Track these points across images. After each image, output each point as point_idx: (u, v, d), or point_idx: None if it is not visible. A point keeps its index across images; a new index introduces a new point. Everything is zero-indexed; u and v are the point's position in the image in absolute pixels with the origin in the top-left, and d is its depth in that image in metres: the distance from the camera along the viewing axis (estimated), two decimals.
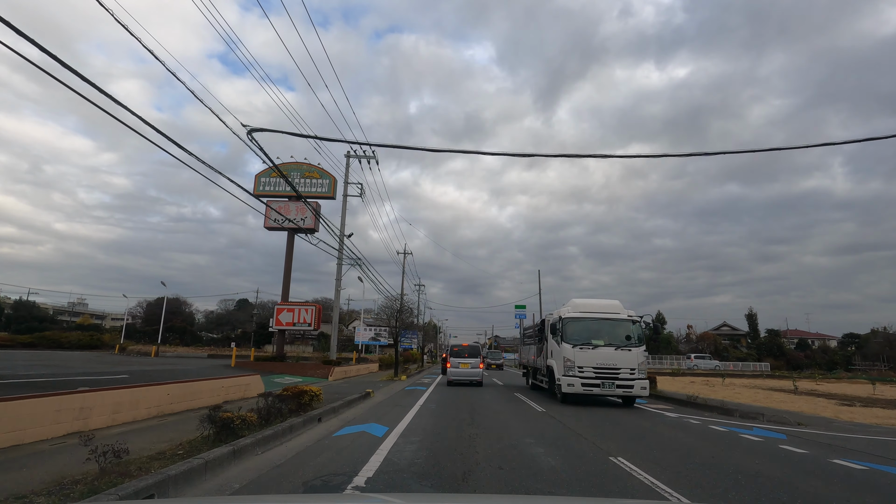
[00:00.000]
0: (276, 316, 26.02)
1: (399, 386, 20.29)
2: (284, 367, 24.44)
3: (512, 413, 11.19)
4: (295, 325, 25.96)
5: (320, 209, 28.28)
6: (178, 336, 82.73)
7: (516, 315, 74.67)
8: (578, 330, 14.21)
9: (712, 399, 15.97)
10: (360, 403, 12.78)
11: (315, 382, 22.71)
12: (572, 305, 15.33)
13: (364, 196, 28.38)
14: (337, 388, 18.10)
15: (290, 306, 26.25)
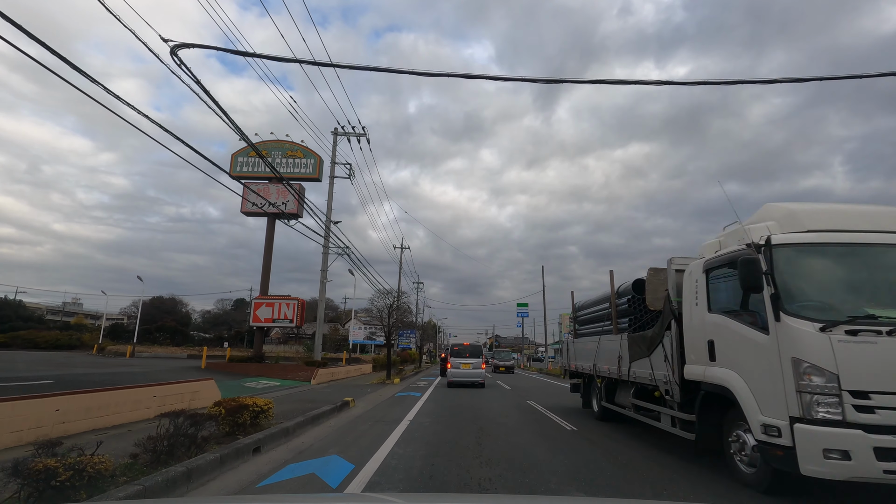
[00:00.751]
0: (254, 311, 23.13)
1: (390, 391, 17.40)
2: (262, 368, 21.55)
3: (534, 434, 8.25)
4: (275, 321, 23.08)
5: (304, 192, 25.41)
6: (168, 336, 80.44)
7: (518, 313, 72.10)
8: (836, 280, 4.88)
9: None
10: (329, 419, 9.86)
11: (295, 386, 19.80)
12: (788, 216, 5.25)
13: (353, 178, 25.51)
14: (314, 394, 15.22)
15: (269, 300, 23.36)
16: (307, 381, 21.19)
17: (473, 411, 11.20)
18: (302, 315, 23.69)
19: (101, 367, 23.79)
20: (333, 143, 25.16)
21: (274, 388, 17.85)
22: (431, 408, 11.93)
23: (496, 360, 35.93)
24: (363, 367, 32.01)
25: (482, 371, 21.26)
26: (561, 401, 14.21)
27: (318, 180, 25.44)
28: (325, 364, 23.15)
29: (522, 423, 9.38)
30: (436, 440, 7.41)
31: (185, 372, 20.56)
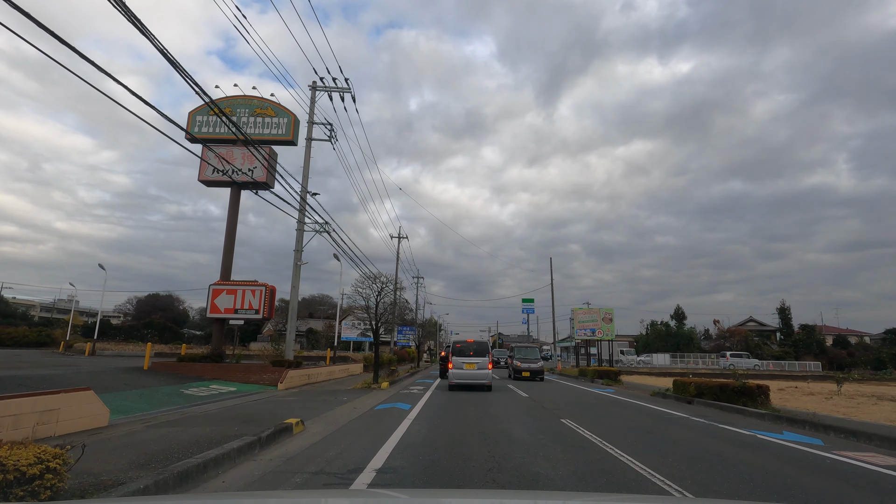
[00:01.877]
0: (211, 300, 18.94)
1: (371, 400, 13.20)
2: (219, 369, 17.40)
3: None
4: (237, 311, 18.90)
5: (276, 158, 21.18)
6: (157, 333, 77.01)
7: (524, 309, 67.75)
8: None
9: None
10: (228, 470, 5.52)
11: (253, 393, 15.63)
12: None
13: (335, 141, 21.29)
14: (261, 407, 11.07)
15: (230, 287, 19.18)
16: (272, 386, 17.04)
17: (486, 445, 6.96)
18: (271, 305, 19.49)
19: (35, 368, 19.68)
20: (311, 98, 20.96)
21: (220, 397, 13.69)
22: (419, 435, 7.68)
23: (518, 362, 23.95)
24: (351, 367, 27.83)
25: (489, 372, 17.28)
26: (613, 422, 9.95)
27: (293, 143, 21.23)
28: (298, 364, 18.96)
29: (587, 483, 5.15)
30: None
31: (117, 374, 16.42)
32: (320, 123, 20.90)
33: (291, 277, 19.47)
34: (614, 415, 10.78)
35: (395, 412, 10.57)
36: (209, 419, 9.05)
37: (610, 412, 11.27)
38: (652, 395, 16.81)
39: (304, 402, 12.76)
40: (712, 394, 13.45)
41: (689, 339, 70.83)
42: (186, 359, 17.97)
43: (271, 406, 11.64)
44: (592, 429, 8.46)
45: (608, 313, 47.00)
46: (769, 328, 77.97)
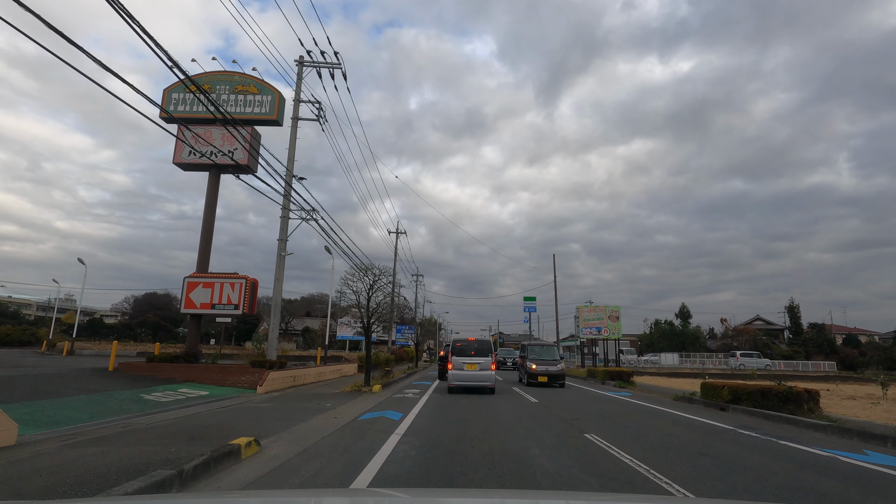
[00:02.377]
0: (186, 294, 17.14)
1: (357, 407, 11.42)
2: (192, 371, 15.62)
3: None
4: (214, 306, 17.11)
5: (260, 139, 19.41)
6: (150, 332, 75.48)
7: (525, 308, 65.86)
8: None
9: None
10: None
11: (226, 398, 13.81)
12: None
13: (324, 121, 19.49)
14: (229, 415, 9.32)
15: (207, 280, 17.38)
16: (251, 389, 15.29)
17: (495, 475, 5.15)
18: (252, 299, 17.70)
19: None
20: (298, 73, 19.16)
21: (184, 403, 11.90)
22: (406, 461, 5.87)
23: (532, 364, 19.05)
24: (345, 368, 26.08)
25: (491, 373, 15.58)
26: (650, 438, 8.17)
27: (278, 123, 19.42)
28: (282, 365, 17.16)
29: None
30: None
31: (76, 376, 14.64)
32: (308, 101, 19.10)
33: (275, 269, 17.66)
34: (647, 427, 8.98)
35: (383, 423, 8.78)
36: (151, 434, 7.28)
37: (640, 423, 9.47)
38: (675, 400, 15.01)
39: (279, 409, 10.99)
40: (751, 399, 11.65)
41: (694, 338, 68.95)
42: (158, 359, 16.19)
43: (238, 415, 9.86)
44: (628, 448, 6.66)
45: (615, 311, 45.19)
46: (776, 327, 76.12)
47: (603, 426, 8.82)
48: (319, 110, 19.08)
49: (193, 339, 17.13)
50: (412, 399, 13.34)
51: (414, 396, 14.08)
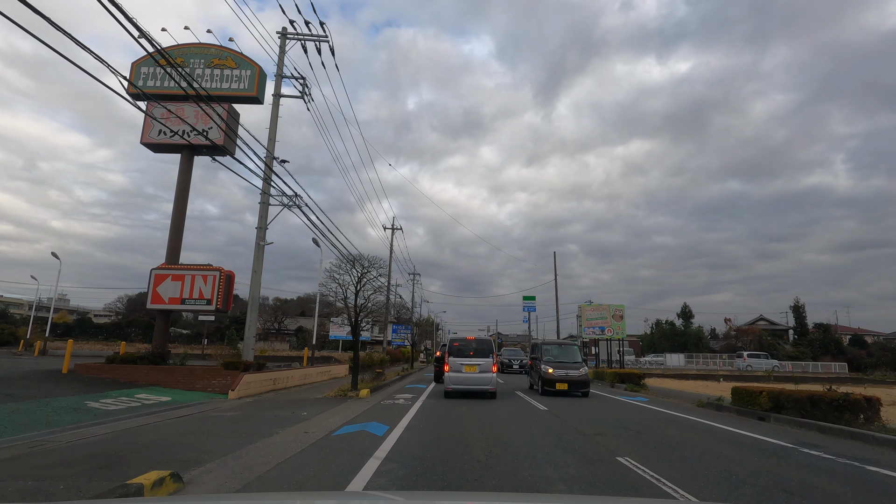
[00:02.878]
0: (153, 287, 15.38)
1: (338, 416, 9.70)
2: (157, 373, 13.88)
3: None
4: (184, 301, 15.36)
5: (238, 118, 17.68)
6: (140, 332, 73.67)
7: (525, 307, 64.07)
8: None
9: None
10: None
11: (190, 404, 12.07)
12: None
13: (309, 99, 17.77)
14: (173, 429, 7.64)
15: (176, 272, 15.62)
16: (223, 394, 13.55)
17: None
18: (227, 294, 15.93)
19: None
20: (280, 46, 17.45)
21: (136, 412, 10.17)
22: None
23: (548, 367, 15.44)
24: (334, 369, 24.34)
25: (492, 376, 13.98)
26: (700, 463, 6.48)
27: (258, 100, 17.69)
28: (261, 366, 15.42)
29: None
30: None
31: (20, 379, 12.89)
32: (291, 77, 17.38)
33: (252, 260, 15.92)
34: (689, 445, 7.28)
35: (362, 441, 7.07)
36: (55, 459, 5.57)
37: (678, 439, 7.77)
38: (700, 407, 13.34)
39: (243, 420, 9.27)
40: (798, 408, 9.97)
41: (697, 338, 67.37)
42: (120, 360, 14.43)
43: (189, 428, 8.14)
44: (682, 481, 4.96)
45: (618, 310, 43.51)
46: (780, 327, 74.64)
47: (635, 444, 7.12)
48: (304, 86, 17.37)
49: (161, 338, 15.36)
50: (403, 406, 11.62)
51: (405, 403, 12.36)
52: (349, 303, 15.67)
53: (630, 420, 9.93)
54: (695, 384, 24.74)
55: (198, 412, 10.36)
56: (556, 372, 15.31)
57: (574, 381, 15.20)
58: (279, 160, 16.53)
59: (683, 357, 54.68)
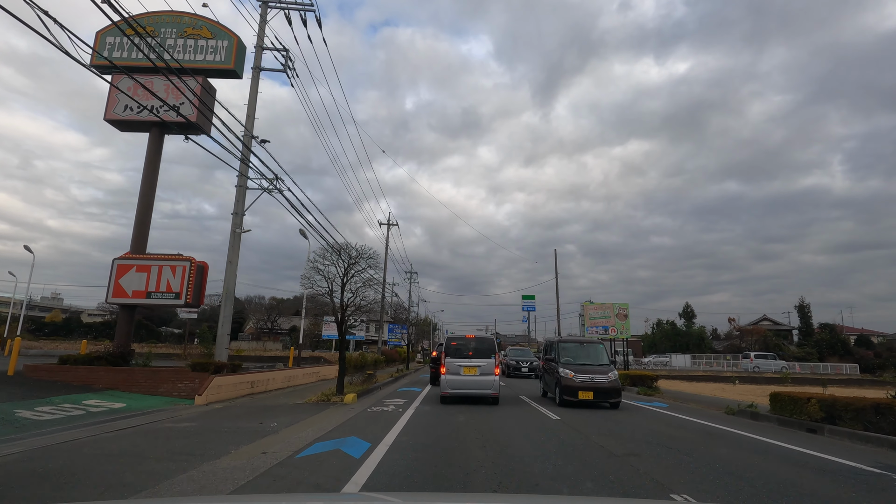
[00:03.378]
0: (115, 279, 13.76)
1: (313, 429, 8.08)
2: (118, 375, 12.26)
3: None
4: (150, 294, 13.74)
5: (214, 93, 16.08)
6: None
7: (524, 307, 62.45)
8: None
9: None
10: None
11: (154, 410, 10.52)
12: None
13: (293, 74, 16.15)
14: (92, 451, 5.94)
15: (141, 262, 14.00)
16: (189, 399, 11.94)
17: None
18: (199, 287, 14.29)
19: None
20: (262, 15, 15.83)
21: (74, 423, 8.55)
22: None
23: (569, 371, 12.59)
24: (324, 371, 22.73)
25: (495, 379, 12.33)
26: (778, 493, 4.83)
27: (236, 74, 16.07)
28: (235, 368, 13.78)
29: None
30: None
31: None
32: (273, 49, 15.76)
33: (228, 250, 14.29)
34: (750, 471, 5.71)
35: (331, 467, 5.46)
36: None
37: (735, 464, 6.18)
38: (730, 415, 11.78)
39: (195, 434, 7.66)
40: (860, 419, 8.40)
41: (699, 338, 65.90)
42: (75, 361, 12.78)
43: (125, 446, 6.55)
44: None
45: (622, 308, 41.99)
46: (784, 327, 73.27)
47: (684, 472, 5.52)
48: (286, 59, 15.75)
49: (123, 336, 13.72)
50: (392, 415, 10.01)
51: (395, 410, 10.75)
52: (335, 298, 14.06)
53: (661, 433, 8.34)
54: (709, 387, 23.20)
55: (148, 423, 8.74)
56: (579, 377, 12.31)
57: (602, 390, 12.18)
58: (258, 139, 14.92)
59: (689, 358, 53.13)
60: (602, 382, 12.26)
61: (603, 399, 12.23)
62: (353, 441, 6.97)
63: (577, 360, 13.26)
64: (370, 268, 14.52)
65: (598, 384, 12.21)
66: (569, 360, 13.26)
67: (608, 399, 12.26)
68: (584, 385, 12.17)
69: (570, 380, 12.30)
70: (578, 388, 12.13)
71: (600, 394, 12.14)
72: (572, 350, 13.82)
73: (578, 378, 12.29)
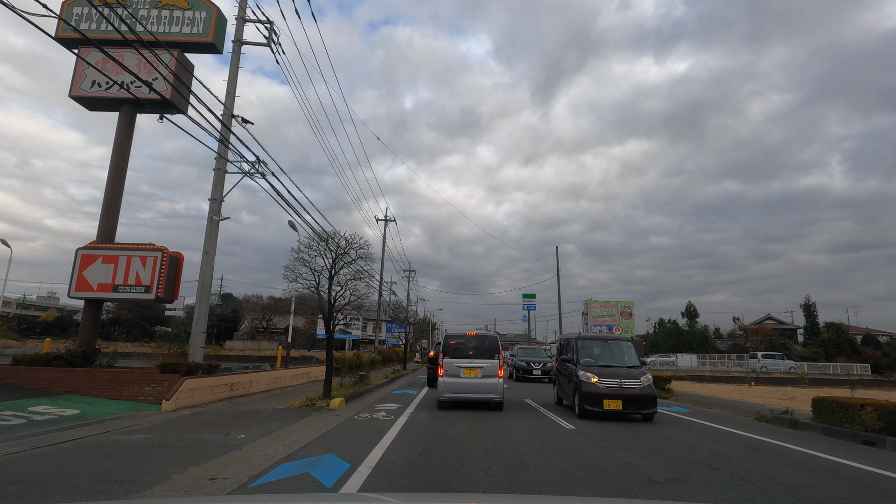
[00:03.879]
0: (79, 271, 12.47)
1: (283, 444, 6.78)
2: (78, 378, 10.97)
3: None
4: (117, 288, 12.44)
5: (192, 70, 14.76)
6: (124, 330, 70.64)
7: (524, 306, 61.11)
8: None
9: None
10: None
11: (118, 416, 9.24)
12: None
13: (279, 48, 14.84)
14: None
15: (108, 252, 12.71)
16: (156, 404, 10.66)
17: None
18: (172, 279, 12.98)
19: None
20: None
21: (14, 433, 7.24)
22: None
23: (591, 374, 10.22)
24: (314, 371, 21.45)
25: (498, 382, 10.98)
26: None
27: (216, 48, 14.76)
28: (212, 369, 12.47)
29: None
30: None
31: None
32: (255, 21, 14.44)
33: (204, 240, 12.97)
34: (831, 502, 4.40)
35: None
36: None
37: (810, 493, 4.89)
38: (763, 422, 10.49)
39: (145, 450, 6.36)
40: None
41: (703, 338, 64.61)
42: (30, 361, 11.46)
43: (44, 467, 5.29)
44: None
45: (627, 307, 40.80)
46: (789, 326, 72.06)
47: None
48: (270, 31, 14.44)
49: (88, 334, 12.41)
50: (382, 423, 8.71)
51: (386, 418, 9.45)
52: (323, 292, 12.76)
53: (699, 448, 7.04)
54: (722, 388, 21.93)
55: (94, 435, 7.44)
56: (605, 384, 9.89)
57: (633, 398, 9.76)
58: (240, 119, 13.63)
59: (696, 358, 51.83)
60: (633, 388, 9.87)
61: (634, 409, 9.82)
62: (328, 461, 5.68)
63: (599, 361, 11.01)
64: (361, 259, 13.22)
65: (629, 390, 9.81)
66: (590, 360, 11.03)
67: (641, 409, 9.83)
68: (610, 391, 9.80)
69: (594, 386, 9.92)
70: (603, 395, 9.75)
71: (631, 402, 9.72)
72: (595, 349, 11.51)
73: (605, 385, 9.89)
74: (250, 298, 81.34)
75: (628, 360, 11.09)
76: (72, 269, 12.45)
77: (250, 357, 36.29)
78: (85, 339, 12.33)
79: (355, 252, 12.92)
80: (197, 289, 12.58)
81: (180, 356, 12.59)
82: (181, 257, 13.58)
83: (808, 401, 15.87)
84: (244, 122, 13.81)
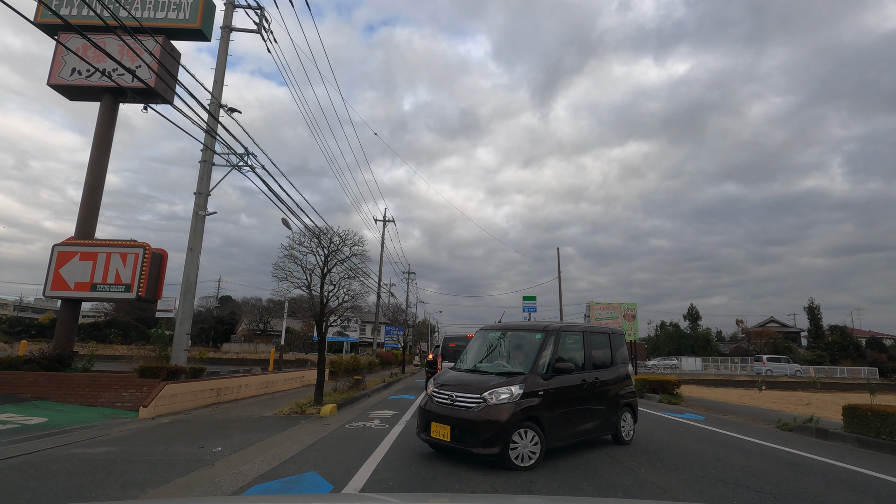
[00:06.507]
0: (56, 269, 11.73)
1: (261, 460, 6.02)
2: (52, 382, 10.22)
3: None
4: (95, 287, 11.70)
5: (179, 58, 14.08)
6: (121, 333, 69.77)
7: (524, 308, 60.31)
8: None
9: None
10: None
11: (89, 424, 8.47)
12: None
13: (270, 35, 14.13)
14: None
15: (86, 249, 11.98)
16: (133, 411, 9.91)
17: None
18: (155, 278, 12.24)
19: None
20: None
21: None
22: None
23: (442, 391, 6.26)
24: (308, 375, 20.63)
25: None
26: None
27: (203, 35, 14.04)
28: (197, 373, 11.71)
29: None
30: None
31: None
32: (245, 7, 13.76)
33: (189, 236, 12.22)
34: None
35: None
36: None
37: None
38: (786, 430, 9.74)
39: (104, 466, 5.61)
40: None
41: (705, 340, 63.83)
42: (9, 365, 10.70)
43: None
44: None
45: (630, 309, 39.98)
46: (792, 329, 71.25)
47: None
48: (261, 17, 13.74)
49: (64, 336, 11.65)
50: (375, 433, 7.96)
51: (379, 427, 8.69)
52: (315, 291, 12.01)
53: (728, 464, 6.28)
54: (732, 393, 21.18)
55: (54, 448, 6.69)
56: (439, 395, 6.26)
57: (465, 424, 5.74)
58: (227, 108, 12.91)
59: (700, 361, 51.03)
60: (467, 407, 5.83)
61: (472, 442, 5.63)
62: (309, 481, 4.93)
63: (477, 360, 7.00)
64: (355, 256, 12.47)
65: (460, 411, 5.85)
66: (463, 362, 7.13)
67: (479, 445, 5.58)
68: (440, 410, 6.06)
69: (429, 398, 6.48)
70: (431, 415, 6.12)
71: (465, 431, 5.70)
72: (479, 342, 7.41)
73: (438, 398, 6.27)
74: (249, 301, 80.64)
75: (522, 361, 6.41)
76: (48, 267, 11.70)
77: (246, 360, 35.55)
78: (60, 341, 11.56)
79: (349, 249, 12.18)
80: (181, 287, 11.83)
81: (162, 359, 11.81)
82: (165, 255, 12.84)
83: (827, 407, 15.18)
84: (231, 111, 13.11)
